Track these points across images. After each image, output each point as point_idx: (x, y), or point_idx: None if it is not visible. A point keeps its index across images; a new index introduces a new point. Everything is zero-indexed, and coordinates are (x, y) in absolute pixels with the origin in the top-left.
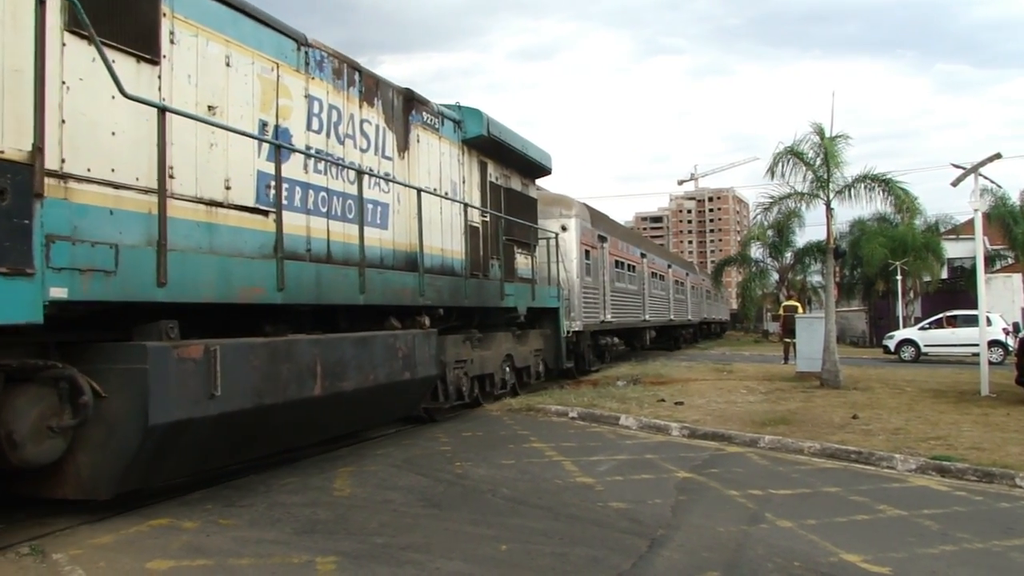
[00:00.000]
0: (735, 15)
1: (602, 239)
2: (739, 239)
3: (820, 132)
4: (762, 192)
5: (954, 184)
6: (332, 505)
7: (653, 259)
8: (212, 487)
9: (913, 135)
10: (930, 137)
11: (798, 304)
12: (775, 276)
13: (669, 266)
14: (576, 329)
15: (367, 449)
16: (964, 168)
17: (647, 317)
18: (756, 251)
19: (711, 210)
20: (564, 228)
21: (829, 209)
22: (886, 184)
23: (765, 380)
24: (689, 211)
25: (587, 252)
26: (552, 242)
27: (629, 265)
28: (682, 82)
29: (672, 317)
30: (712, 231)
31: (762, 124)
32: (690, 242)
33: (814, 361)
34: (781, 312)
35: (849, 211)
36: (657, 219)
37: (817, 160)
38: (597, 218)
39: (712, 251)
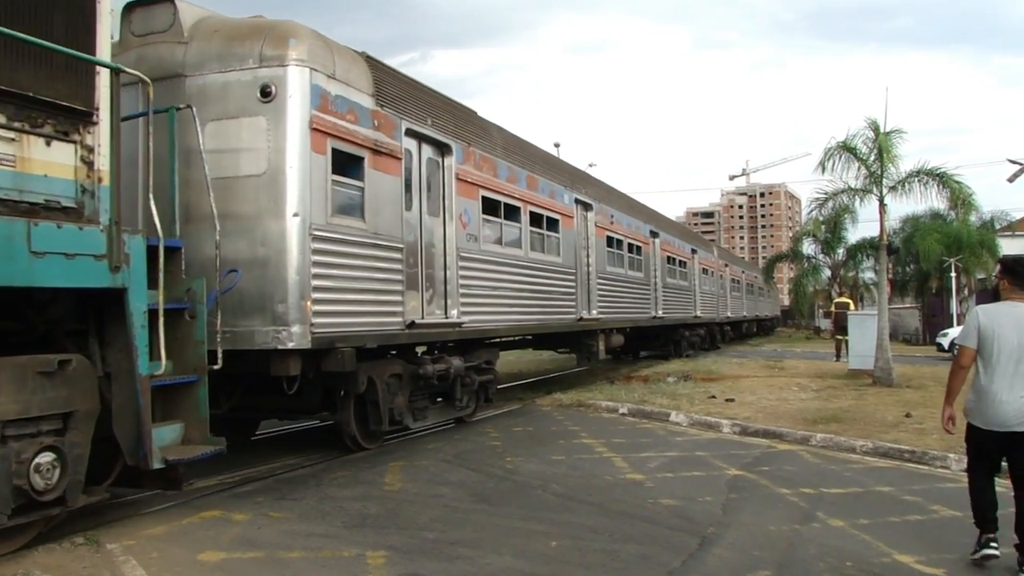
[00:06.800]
0: (789, 9)
1: (437, 146)
2: (791, 235)
3: (875, 127)
4: (815, 188)
5: (1010, 180)
6: (382, 499)
7: (612, 215)
8: (263, 480)
9: (969, 130)
10: (986, 132)
11: (850, 301)
12: (827, 272)
13: (655, 235)
14: (291, 345)
15: (418, 444)
16: (1021, 164)
17: (592, 313)
18: (808, 247)
19: (763, 205)
20: (265, 92)
21: (882, 205)
22: (940, 178)
23: (817, 377)
24: (740, 206)
25: (355, 158)
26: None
27: (546, 218)
28: (735, 76)
29: (659, 313)
30: (764, 227)
31: (816, 119)
32: (741, 238)
33: (866, 359)
34: (833, 309)
35: (902, 207)
36: (708, 214)
37: (870, 156)
38: (412, 93)
39: (764, 247)
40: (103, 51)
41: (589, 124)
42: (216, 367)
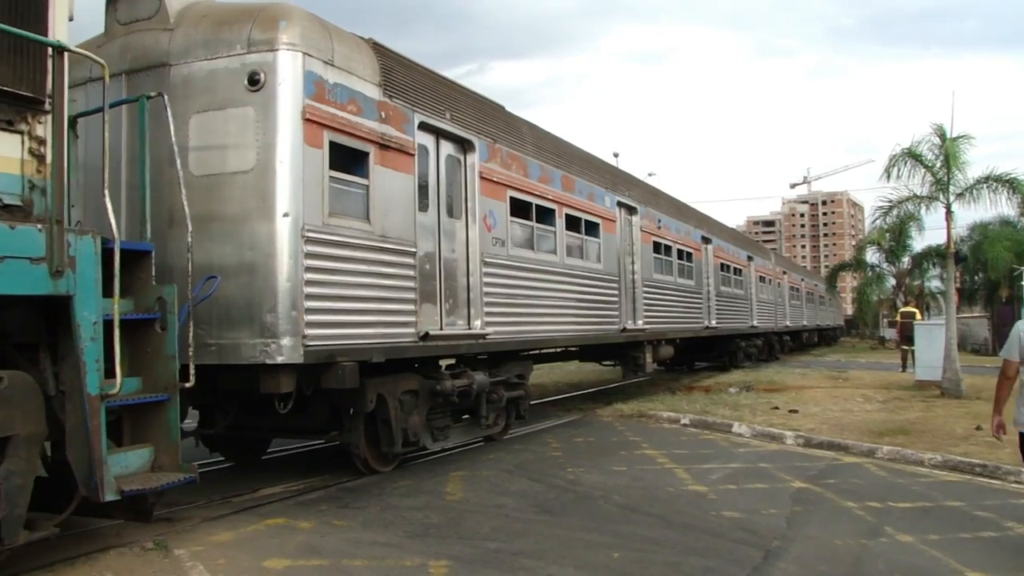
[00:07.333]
0: (848, 15)
1: (457, 142)
2: (854, 244)
3: (941, 133)
4: (879, 196)
5: None
6: (444, 509)
7: (659, 219)
8: (327, 488)
9: None
10: None
11: (916, 310)
12: (892, 281)
13: (707, 241)
14: (280, 360)
15: (479, 454)
16: None
17: (638, 324)
18: (872, 256)
19: (825, 214)
20: (253, 80)
21: (949, 212)
22: (1011, 184)
23: (882, 388)
24: (802, 215)
25: (358, 153)
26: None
27: (585, 221)
28: (795, 84)
29: (712, 323)
30: (826, 235)
31: (877, 125)
32: (803, 247)
33: (934, 369)
34: (899, 318)
35: (970, 214)
36: (769, 223)
37: (937, 162)
38: (426, 84)
39: (826, 256)
40: (57, 32)
41: (649, 133)
42: (188, 384)
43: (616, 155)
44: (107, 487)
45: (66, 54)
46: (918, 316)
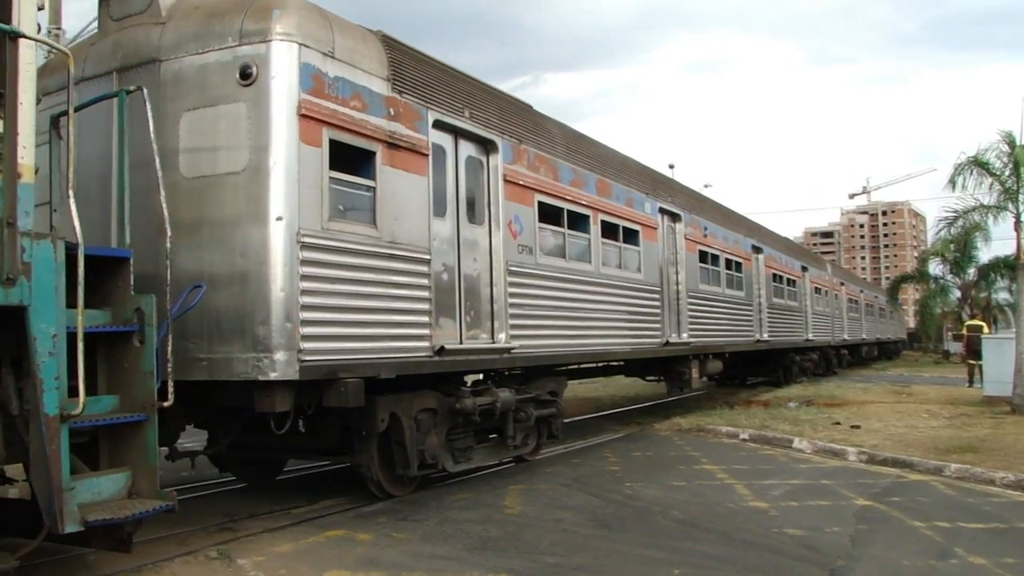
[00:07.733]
0: (910, 20)
1: (479, 142)
2: (916, 255)
3: (1009, 140)
4: (942, 205)
5: None
6: (503, 522)
7: (705, 227)
8: (386, 501)
9: None
10: None
11: (983, 324)
12: (956, 294)
13: (758, 250)
14: (273, 376)
15: (537, 467)
16: None
17: (682, 337)
18: (935, 267)
19: (885, 224)
20: (245, 74)
21: (1018, 222)
22: None
23: (948, 404)
24: (862, 226)
25: (363, 152)
26: None
27: (623, 229)
28: (854, 92)
29: (764, 336)
30: (886, 246)
31: (941, 133)
32: (863, 258)
33: (1004, 385)
34: (965, 332)
35: None
36: (828, 234)
37: (1005, 170)
38: (442, 80)
39: (886, 267)
40: (23, 20)
41: (704, 144)
42: (167, 404)
43: (672, 166)
44: (68, 517)
45: (22, 41)
46: (985, 329)
